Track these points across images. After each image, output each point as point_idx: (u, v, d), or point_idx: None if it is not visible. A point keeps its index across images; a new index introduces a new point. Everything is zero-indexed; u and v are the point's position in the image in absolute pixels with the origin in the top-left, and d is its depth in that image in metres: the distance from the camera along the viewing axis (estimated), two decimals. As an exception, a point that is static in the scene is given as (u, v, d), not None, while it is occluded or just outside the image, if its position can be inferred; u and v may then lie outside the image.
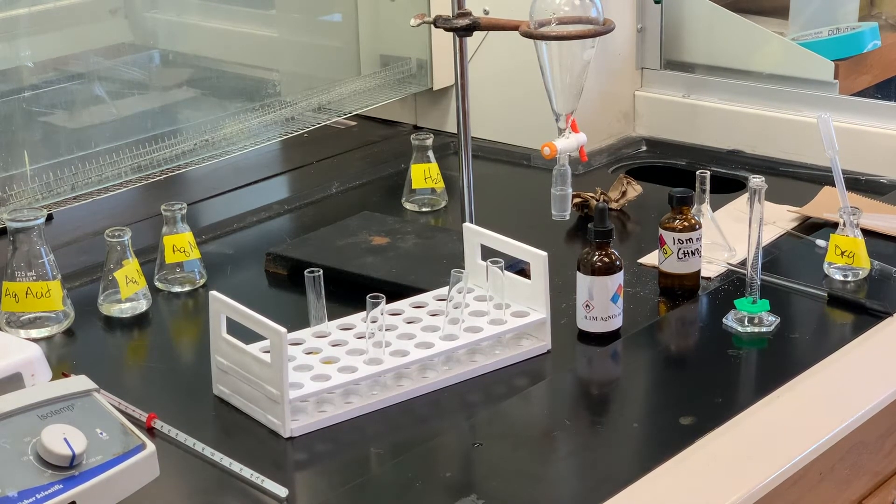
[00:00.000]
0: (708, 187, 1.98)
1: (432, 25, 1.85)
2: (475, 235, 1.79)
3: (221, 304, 1.58)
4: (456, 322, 1.66)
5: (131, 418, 1.51)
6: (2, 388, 1.44)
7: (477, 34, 1.87)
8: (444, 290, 1.73)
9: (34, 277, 1.76)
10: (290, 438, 1.50)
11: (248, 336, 1.56)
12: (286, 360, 1.50)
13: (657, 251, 1.86)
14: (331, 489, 1.43)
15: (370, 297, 1.58)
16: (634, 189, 2.18)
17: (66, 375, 1.54)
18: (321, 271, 1.67)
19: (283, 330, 1.49)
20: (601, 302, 1.72)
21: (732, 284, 1.85)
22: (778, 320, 1.74)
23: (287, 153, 2.47)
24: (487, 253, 1.76)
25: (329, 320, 1.69)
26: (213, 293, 1.59)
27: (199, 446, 1.47)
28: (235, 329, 1.58)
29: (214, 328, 1.59)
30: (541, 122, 1.97)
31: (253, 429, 1.53)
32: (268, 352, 1.53)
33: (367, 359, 1.60)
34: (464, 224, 1.83)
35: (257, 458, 1.45)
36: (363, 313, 1.61)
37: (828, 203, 2.11)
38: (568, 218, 1.80)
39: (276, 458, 1.48)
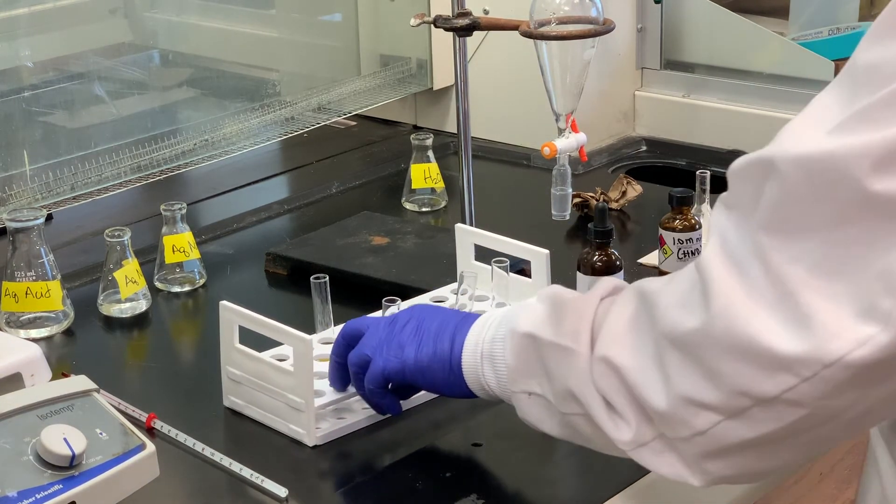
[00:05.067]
0: (708, 187, 1.98)
1: (432, 25, 1.85)
2: (468, 235, 1.78)
3: (234, 314, 1.52)
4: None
5: (131, 418, 1.51)
6: (2, 388, 1.43)
7: (477, 34, 1.87)
8: (443, 291, 1.73)
9: (34, 277, 1.76)
10: (295, 441, 1.49)
11: (249, 338, 1.55)
12: (311, 368, 1.45)
13: (657, 251, 1.86)
14: (331, 489, 1.43)
15: (386, 301, 1.56)
16: (634, 189, 2.18)
17: (66, 375, 1.54)
18: (327, 277, 1.65)
19: (308, 337, 1.45)
20: (601, 302, 1.71)
21: (732, 284, 1.84)
22: (778, 320, 1.74)
23: (287, 153, 2.47)
24: (483, 253, 1.75)
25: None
26: (224, 303, 1.53)
27: (199, 446, 1.47)
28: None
29: (226, 339, 1.53)
30: (541, 122, 1.97)
31: (253, 428, 1.53)
32: (282, 359, 1.51)
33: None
34: (456, 225, 1.81)
35: (257, 458, 1.45)
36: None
37: (828, 203, 2.10)
38: (568, 218, 1.80)
39: (276, 457, 1.48)
